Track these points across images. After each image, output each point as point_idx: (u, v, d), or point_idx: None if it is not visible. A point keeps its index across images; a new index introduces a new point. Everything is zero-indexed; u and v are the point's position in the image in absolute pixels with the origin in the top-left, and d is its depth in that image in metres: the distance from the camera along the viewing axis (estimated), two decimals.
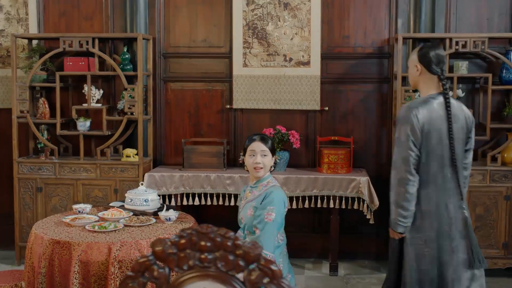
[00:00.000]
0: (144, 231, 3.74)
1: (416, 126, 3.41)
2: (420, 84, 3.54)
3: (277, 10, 5.92)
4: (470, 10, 5.79)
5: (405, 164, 3.43)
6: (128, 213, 4.05)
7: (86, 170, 5.69)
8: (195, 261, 2.18)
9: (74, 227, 3.80)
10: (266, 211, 3.44)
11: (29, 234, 3.82)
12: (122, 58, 5.77)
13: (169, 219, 3.93)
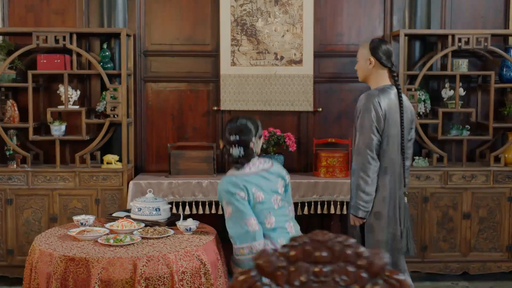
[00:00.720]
0: (166, 243, 3.30)
1: (379, 113, 3.64)
2: (372, 77, 3.78)
3: (267, 5, 5.57)
4: (465, 7, 5.64)
5: (368, 149, 3.63)
6: (139, 224, 3.59)
7: (63, 179, 5.15)
8: (309, 275, 1.81)
9: (83, 242, 3.31)
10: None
11: (30, 251, 3.30)
12: (102, 56, 5.27)
13: (189, 229, 3.51)
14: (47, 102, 5.51)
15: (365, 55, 3.79)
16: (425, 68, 5.22)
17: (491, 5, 5.64)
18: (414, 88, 5.21)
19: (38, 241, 3.32)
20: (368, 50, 3.78)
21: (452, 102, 5.34)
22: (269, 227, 3.42)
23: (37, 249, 3.21)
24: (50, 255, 3.10)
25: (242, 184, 3.39)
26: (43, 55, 5.15)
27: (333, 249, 1.78)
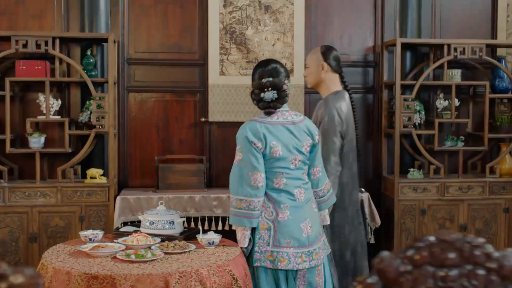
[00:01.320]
0: (193, 258, 3.02)
1: (342, 117, 3.81)
2: (324, 83, 3.90)
3: (258, 13, 5.38)
4: (454, 18, 5.61)
5: (333, 154, 3.79)
6: (154, 239, 3.28)
7: (44, 195, 4.75)
8: (437, 281, 1.61)
9: (100, 258, 2.98)
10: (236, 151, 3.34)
11: (40, 269, 2.94)
12: (86, 63, 4.93)
13: (212, 242, 3.23)
14: (22, 112, 5.10)
15: (317, 61, 3.88)
16: (421, 78, 5.14)
17: (479, 16, 5.64)
18: (411, 98, 5.11)
19: (48, 258, 2.96)
20: (321, 56, 3.88)
21: (447, 113, 5.27)
22: (276, 187, 3.23)
23: (50, 267, 2.86)
24: (67, 274, 2.76)
25: (263, 134, 3.19)
26: (22, 61, 4.77)
27: (462, 250, 1.59)
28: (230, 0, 5.33)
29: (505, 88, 5.33)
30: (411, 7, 5.42)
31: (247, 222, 3.14)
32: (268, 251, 3.15)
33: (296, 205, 3.23)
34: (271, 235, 3.16)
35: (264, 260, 3.15)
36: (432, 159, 5.18)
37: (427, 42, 5.22)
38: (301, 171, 3.32)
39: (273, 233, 3.15)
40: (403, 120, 5.09)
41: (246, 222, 3.14)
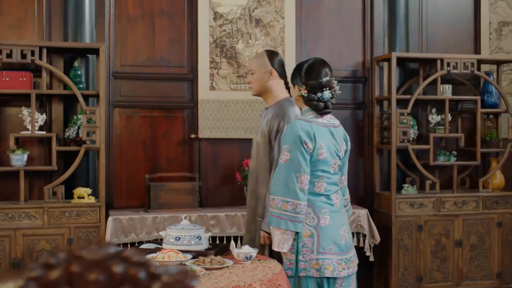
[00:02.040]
0: (237, 273, 2.78)
1: None
2: (272, 89, 3.59)
3: (248, 26, 5.24)
4: (439, 34, 5.64)
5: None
6: (185, 255, 3.02)
7: (29, 216, 4.38)
8: None
9: None
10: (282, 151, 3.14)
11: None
12: (73, 75, 4.62)
13: (250, 257, 3.00)
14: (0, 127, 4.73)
15: (264, 66, 3.61)
16: (416, 92, 5.11)
17: (463, 33, 5.70)
18: (407, 112, 5.06)
19: None
20: (268, 61, 3.63)
21: (440, 128, 5.26)
22: (316, 191, 3.08)
23: None
24: None
25: (313, 134, 3.05)
26: (5, 72, 4.42)
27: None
28: (220, 13, 5.17)
29: (494, 103, 5.38)
30: (399, 23, 5.42)
31: (292, 226, 2.96)
32: (313, 259, 2.98)
33: (334, 210, 3.11)
34: (315, 242, 2.99)
35: (309, 269, 2.97)
36: (428, 174, 5.14)
37: (422, 57, 5.22)
38: (337, 176, 3.21)
39: (316, 239, 2.99)
40: (399, 135, 5.03)
41: (291, 226, 2.96)
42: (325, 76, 3.18)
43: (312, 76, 3.17)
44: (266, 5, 5.26)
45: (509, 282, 5.29)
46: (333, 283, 3.06)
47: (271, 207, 3.03)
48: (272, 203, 3.03)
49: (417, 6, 5.55)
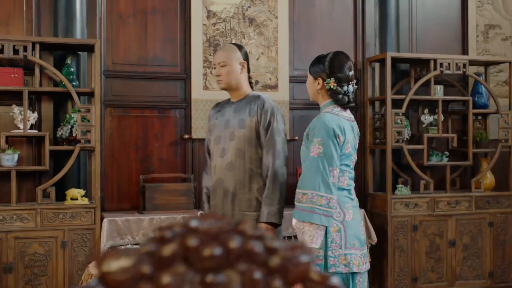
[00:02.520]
0: None
1: None
2: (242, 82, 3.51)
3: (242, 25, 5.17)
4: (428, 35, 5.68)
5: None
6: None
7: (20, 218, 4.19)
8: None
9: None
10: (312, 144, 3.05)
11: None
12: (66, 72, 4.46)
13: None
14: None
15: (238, 59, 3.49)
16: (410, 92, 5.12)
17: (451, 35, 5.75)
18: (401, 112, 5.06)
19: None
20: (241, 54, 3.52)
21: (433, 128, 5.27)
22: (341, 186, 3.04)
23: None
24: None
25: (343, 127, 3.01)
26: None
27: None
28: (213, 11, 5.09)
29: (484, 104, 5.43)
30: (390, 25, 5.43)
31: (326, 221, 2.90)
32: (341, 254, 2.93)
33: (354, 205, 3.09)
34: (342, 236, 2.94)
35: (338, 265, 2.92)
36: (422, 174, 5.14)
37: (416, 57, 5.23)
38: (353, 171, 3.16)
39: (343, 234, 2.94)
40: (394, 135, 5.03)
41: (325, 221, 2.90)
42: (349, 70, 3.14)
43: (336, 69, 3.12)
44: (260, 4, 5.20)
45: (500, 282, 5.33)
46: (354, 279, 3.01)
47: (301, 202, 2.95)
48: (303, 198, 2.94)
49: (407, 8, 5.58)
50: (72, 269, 4.28)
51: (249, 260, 1.12)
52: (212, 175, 3.54)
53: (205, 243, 1.11)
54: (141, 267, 1.07)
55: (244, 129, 3.44)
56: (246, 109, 3.47)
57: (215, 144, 3.53)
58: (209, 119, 3.67)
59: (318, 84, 3.15)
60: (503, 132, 5.34)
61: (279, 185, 3.35)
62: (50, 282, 4.23)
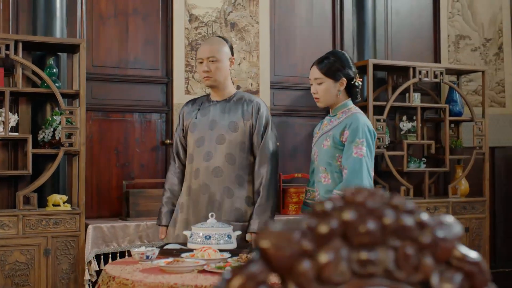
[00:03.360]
0: None
1: None
2: (229, 80, 3.38)
3: (223, 30, 5.11)
4: (403, 46, 5.78)
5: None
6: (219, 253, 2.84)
7: (1, 225, 3.98)
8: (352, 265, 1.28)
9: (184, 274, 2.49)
10: (354, 144, 2.94)
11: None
12: (49, 73, 4.28)
13: None
14: None
15: (227, 53, 3.28)
16: (391, 99, 5.18)
17: (424, 44, 5.87)
18: (383, 119, 5.11)
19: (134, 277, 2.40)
20: (228, 48, 3.31)
21: (412, 135, 5.35)
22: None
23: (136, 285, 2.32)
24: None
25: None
26: None
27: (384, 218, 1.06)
28: (195, 15, 5.01)
29: (458, 111, 5.55)
30: (368, 33, 5.50)
31: None
32: None
33: None
34: None
35: None
36: (403, 180, 5.20)
37: (396, 64, 5.30)
38: None
39: None
40: (376, 142, 5.05)
41: None
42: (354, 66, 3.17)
43: (353, 66, 3.12)
44: (241, 9, 5.17)
45: None
46: None
47: None
48: None
49: (383, 17, 5.66)
50: (55, 278, 4.08)
51: (402, 236, 1.08)
52: (192, 179, 3.28)
53: (362, 218, 1.05)
54: (302, 243, 1.01)
55: (237, 132, 3.24)
56: (237, 111, 3.28)
57: (197, 146, 3.27)
58: (183, 117, 3.37)
59: (341, 85, 3.08)
60: (478, 139, 5.46)
61: (274, 193, 3.24)
62: None
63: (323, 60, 3.13)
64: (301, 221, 1.02)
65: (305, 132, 5.35)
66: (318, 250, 1.01)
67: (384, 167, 5.42)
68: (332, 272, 1.02)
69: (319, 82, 3.09)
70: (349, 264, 1.03)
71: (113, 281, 2.44)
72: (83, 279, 4.13)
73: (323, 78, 3.08)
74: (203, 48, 3.28)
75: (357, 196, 1.07)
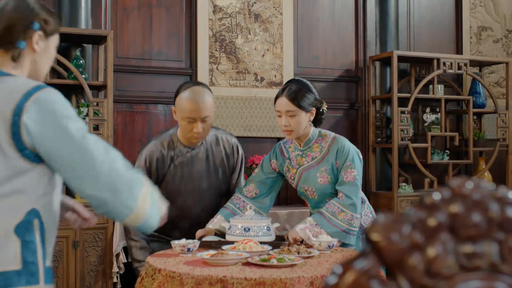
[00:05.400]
0: (330, 261, 2.63)
1: None
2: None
3: (247, 21, 5.08)
4: (424, 36, 5.74)
5: None
6: (260, 246, 2.83)
7: None
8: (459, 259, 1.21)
9: (231, 266, 2.47)
10: (344, 171, 2.98)
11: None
12: (76, 64, 4.27)
13: (332, 245, 2.85)
14: None
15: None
16: (415, 91, 5.15)
17: (445, 36, 5.82)
18: (407, 111, 5.08)
19: (180, 270, 2.39)
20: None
21: (436, 127, 5.32)
22: None
23: (186, 278, 2.31)
24: (221, 281, 2.25)
25: None
26: None
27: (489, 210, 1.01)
28: (219, 6, 4.99)
29: (481, 103, 5.52)
30: (390, 24, 5.46)
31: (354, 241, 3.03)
32: None
33: None
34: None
35: None
36: (427, 172, 5.17)
37: (420, 56, 5.26)
38: None
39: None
40: (400, 134, 5.04)
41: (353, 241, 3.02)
42: None
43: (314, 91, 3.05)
44: (265, 0, 5.14)
45: None
46: None
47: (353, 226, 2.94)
48: (356, 222, 2.96)
49: (405, 8, 5.62)
50: (84, 270, 4.08)
51: (507, 228, 1.06)
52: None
53: (469, 211, 1.03)
54: (413, 236, 1.00)
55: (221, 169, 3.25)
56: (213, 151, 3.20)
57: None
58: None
59: (311, 115, 3.02)
60: (501, 131, 5.43)
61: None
62: (61, 284, 4.02)
63: (292, 91, 2.97)
64: (409, 213, 1.01)
65: (326, 124, 5.32)
66: (427, 243, 1.00)
67: (407, 159, 5.40)
68: (440, 266, 1.00)
69: (291, 114, 2.95)
70: (456, 257, 1.02)
71: (159, 274, 2.42)
72: (111, 271, 4.13)
73: (296, 110, 2.95)
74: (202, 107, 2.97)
75: (463, 188, 1.05)
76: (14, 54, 1.77)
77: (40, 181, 1.71)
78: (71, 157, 1.68)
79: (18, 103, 1.64)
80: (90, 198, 1.73)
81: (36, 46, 1.80)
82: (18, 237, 1.66)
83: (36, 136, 1.66)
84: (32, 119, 1.64)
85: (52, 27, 1.84)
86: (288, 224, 4.61)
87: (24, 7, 1.77)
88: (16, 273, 1.64)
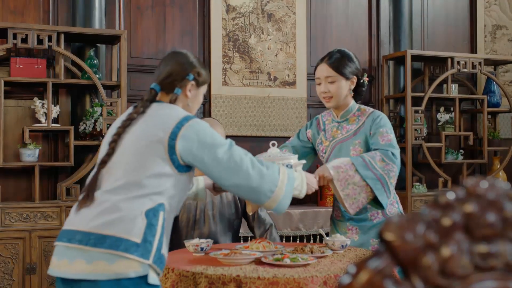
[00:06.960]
0: (344, 261, 2.62)
1: None
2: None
3: (260, 21, 5.09)
4: (438, 35, 5.71)
5: None
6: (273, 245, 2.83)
7: (45, 216, 4.00)
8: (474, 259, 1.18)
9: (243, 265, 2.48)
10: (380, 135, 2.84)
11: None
12: (90, 64, 4.29)
13: (346, 245, 2.84)
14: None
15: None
16: (429, 90, 5.12)
17: (459, 34, 5.79)
18: (421, 110, 5.06)
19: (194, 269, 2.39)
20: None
21: (450, 126, 5.29)
22: None
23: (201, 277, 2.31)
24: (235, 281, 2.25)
25: None
26: (19, 59, 4.04)
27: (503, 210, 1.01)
28: (232, 6, 4.99)
29: (496, 102, 5.48)
30: (404, 23, 5.44)
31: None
32: None
33: None
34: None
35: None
36: (440, 171, 5.14)
37: (434, 55, 5.24)
38: None
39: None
40: (414, 133, 5.02)
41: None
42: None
43: (354, 61, 2.99)
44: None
45: None
46: None
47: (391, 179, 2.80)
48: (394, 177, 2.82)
49: (419, 7, 5.60)
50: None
51: None
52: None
53: (483, 211, 1.03)
54: (427, 236, 0.99)
55: None
56: None
57: None
58: None
59: (352, 83, 2.94)
60: None
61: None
62: None
63: (333, 58, 2.97)
64: (423, 212, 1.00)
65: None
66: (441, 243, 1.00)
67: (420, 158, 5.38)
68: (455, 266, 1.00)
69: (331, 80, 2.91)
70: (471, 257, 1.01)
71: (172, 273, 2.43)
72: None
73: (336, 76, 2.91)
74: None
75: (477, 187, 1.04)
76: (171, 98, 2.21)
77: (175, 185, 2.09)
78: (222, 175, 2.14)
79: (173, 130, 2.07)
80: (233, 189, 2.23)
81: (189, 93, 2.23)
82: (146, 218, 2.00)
83: (188, 159, 2.09)
84: (183, 144, 2.07)
85: (203, 78, 2.27)
86: (301, 223, 4.60)
87: (185, 61, 2.26)
88: (135, 244, 1.96)
